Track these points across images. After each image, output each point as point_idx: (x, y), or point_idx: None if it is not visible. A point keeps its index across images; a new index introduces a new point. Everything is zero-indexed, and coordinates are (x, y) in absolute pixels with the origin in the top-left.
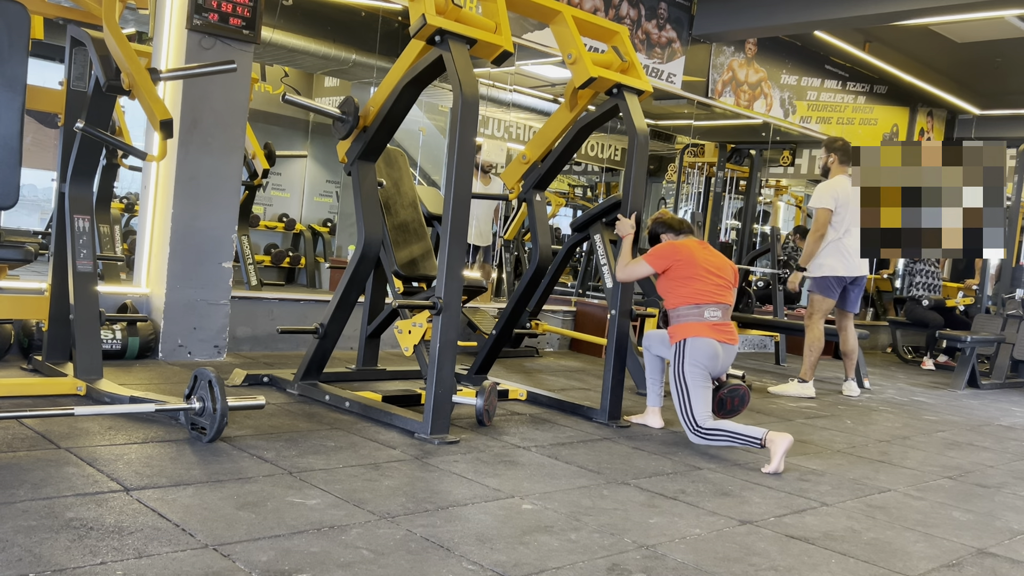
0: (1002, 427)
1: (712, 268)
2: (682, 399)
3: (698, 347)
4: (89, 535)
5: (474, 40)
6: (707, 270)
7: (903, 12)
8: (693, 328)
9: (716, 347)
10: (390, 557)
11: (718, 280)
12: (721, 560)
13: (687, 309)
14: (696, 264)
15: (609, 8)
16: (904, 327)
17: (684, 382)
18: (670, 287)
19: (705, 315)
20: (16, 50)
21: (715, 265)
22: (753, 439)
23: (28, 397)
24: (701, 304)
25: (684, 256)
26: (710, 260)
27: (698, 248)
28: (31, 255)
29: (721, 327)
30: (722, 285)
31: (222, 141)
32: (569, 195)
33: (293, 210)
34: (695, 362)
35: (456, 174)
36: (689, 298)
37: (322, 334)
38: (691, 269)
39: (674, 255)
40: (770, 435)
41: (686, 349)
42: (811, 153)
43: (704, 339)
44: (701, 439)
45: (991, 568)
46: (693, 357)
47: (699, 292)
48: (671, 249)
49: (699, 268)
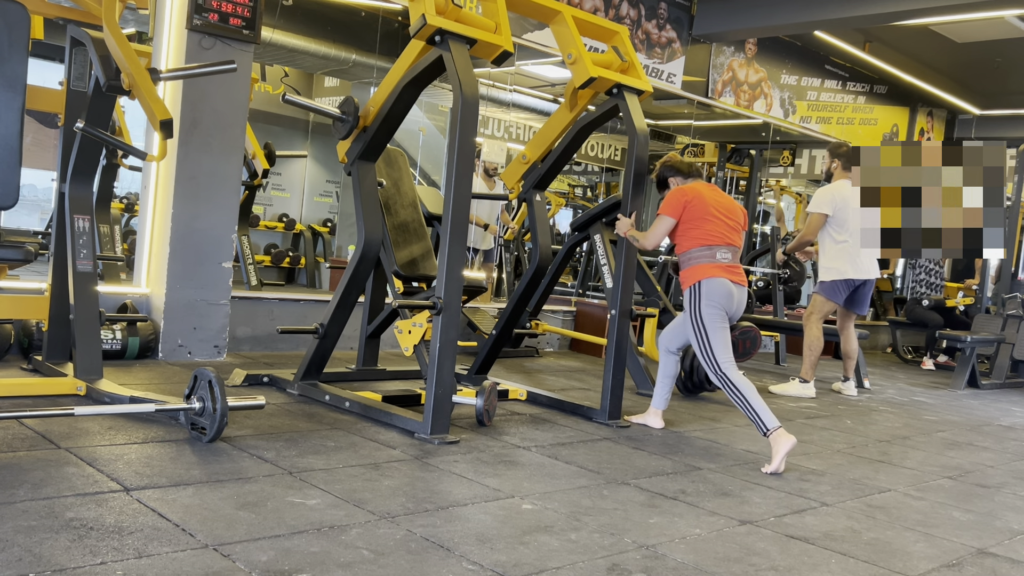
0: (1002, 427)
1: (722, 210)
2: (702, 342)
3: (713, 287)
4: (89, 535)
5: (474, 40)
6: (718, 211)
7: (903, 12)
8: (706, 269)
9: (730, 287)
10: (390, 557)
11: (728, 222)
12: (721, 560)
13: (699, 251)
14: (707, 205)
15: (609, 8)
16: (904, 327)
17: (702, 323)
18: (682, 230)
19: (717, 256)
20: (16, 50)
21: (725, 207)
22: (762, 423)
23: (28, 397)
24: (713, 246)
25: (694, 198)
26: (720, 202)
27: (707, 190)
28: (31, 255)
29: (733, 268)
30: (732, 227)
31: (222, 141)
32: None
33: (293, 210)
34: (712, 302)
35: (456, 174)
36: (701, 240)
37: (322, 334)
38: (702, 210)
39: (684, 198)
40: (778, 432)
41: (702, 290)
42: (811, 153)
43: (718, 279)
44: (720, 382)
45: (991, 568)
46: (710, 298)
47: (710, 234)
48: (680, 194)
49: (710, 209)
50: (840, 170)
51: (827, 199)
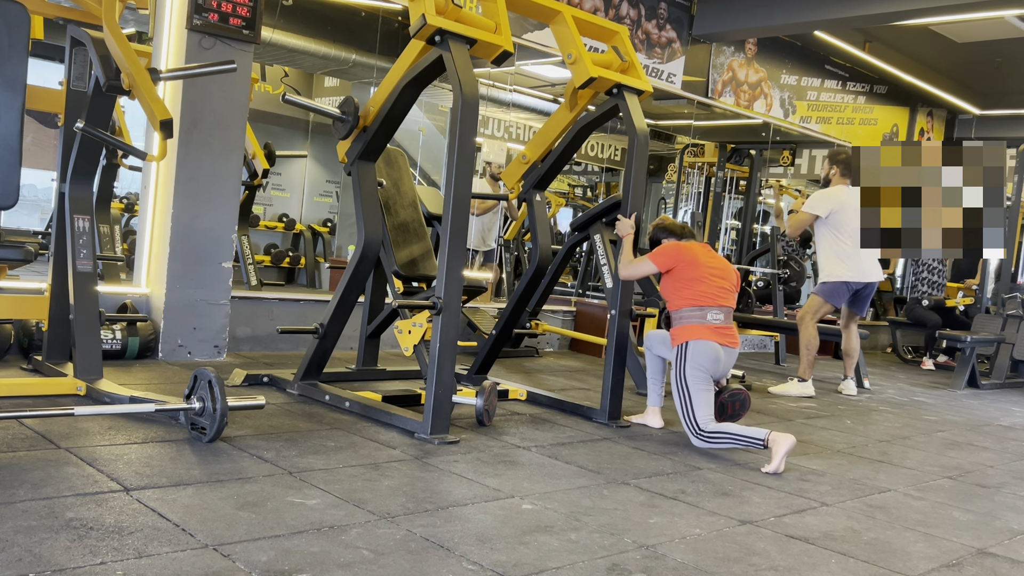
0: (1002, 427)
1: (716, 271)
2: (684, 402)
3: (700, 350)
4: (89, 535)
5: (474, 40)
6: (711, 272)
7: (903, 12)
8: (695, 331)
9: (718, 350)
10: (390, 557)
11: (721, 283)
12: (721, 560)
13: (690, 311)
14: (700, 266)
15: (609, 8)
16: (904, 327)
17: (686, 385)
18: (673, 288)
19: (708, 318)
20: (16, 50)
21: (718, 268)
22: (755, 440)
23: (28, 397)
24: (704, 307)
25: (688, 257)
26: (713, 263)
27: (701, 251)
28: (31, 255)
29: (723, 330)
30: (725, 288)
31: (222, 141)
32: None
33: (293, 210)
34: (697, 365)
35: (456, 174)
36: (692, 300)
37: (322, 334)
38: (695, 271)
39: (678, 255)
40: (772, 435)
41: (688, 352)
42: (811, 153)
43: (706, 342)
44: (704, 442)
45: (991, 568)
46: (695, 360)
47: (702, 294)
48: (675, 249)
49: (702, 270)
50: (839, 176)
51: (823, 202)
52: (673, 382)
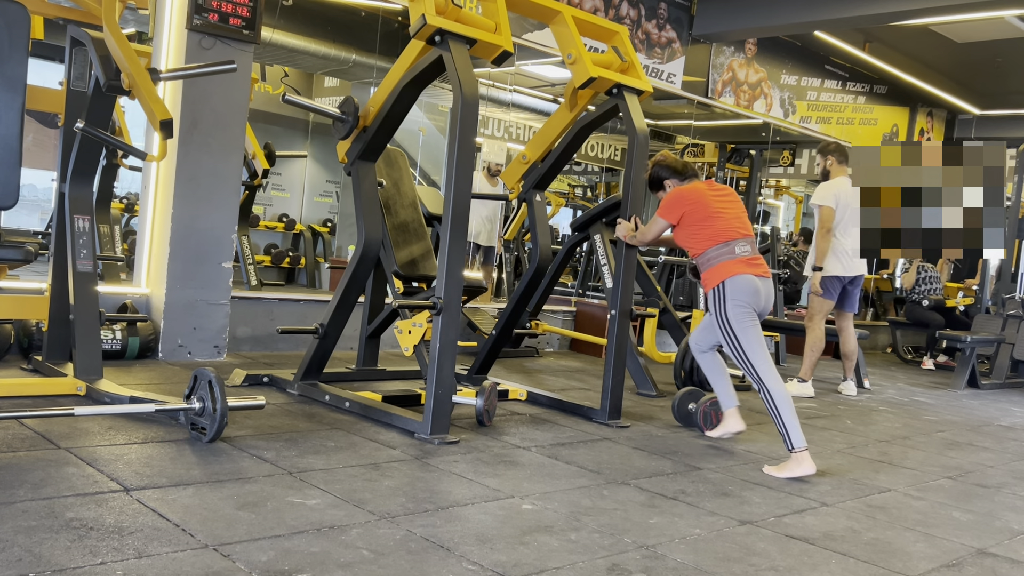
0: (1002, 427)
1: (728, 203)
2: (734, 345)
3: (737, 285)
4: (89, 535)
5: (474, 40)
6: (723, 206)
7: (903, 12)
8: (728, 267)
9: (756, 283)
10: (390, 557)
11: (737, 214)
12: (721, 560)
13: (716, 250)
14: (709, 204)
15: (609, 8)
16: (904, 327)
17: (730, 326)
18: (690, 233)
19: (736, 251)
20: (16, 50)
21: (729, 200)
22: (790, 440)
23: (28, 397)
24: (729, 241)
25: (694, 199)
26: (723, 196)
27: (705, 188)
28: (31, 255)
29: (754, 261)
30: (741, 218)
31: (222, 141)
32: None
33: (293, 210)
34: (738, 302)
35: (456, 174)
36: (715, 238)
37: (322, 334)
38: (705, 209)
39: (684, 201)
40: (804, 454)
41: (726, 291)
42: (811, 153)
43: (742, 276)
44: (756, 386)
45: (991, 568)
46: (735, 297)
47: (723, 230)
48: (679, 196)
49: (713, 206)
50: (836, 165)
51: (831, 192)
52: (717, 327)
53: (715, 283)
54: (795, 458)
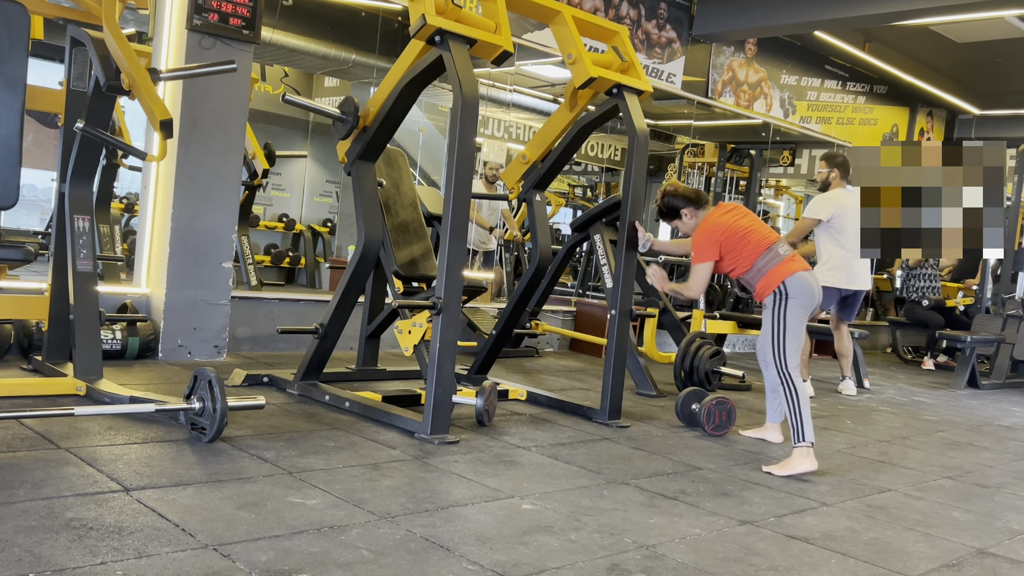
0: (1002, 427)
1: (749, 218)
2: (778, 338)
3: (797, 284)
4: (89, 535)
5: (474, 40)
6: (749, 223)
7: (903, 12)
8: (781, 269)
9: (810, 279)
10: (390, 557)
11: (762, 225)
12: (721, 560)
13: (762, 259)
14: (736, 227)
15: (609, 8)
16: (904, 327)
17: (784, 322)
18: (733, 258)
19: (781, 252)
20: (16, 50)
21: (746, 215)
22: (803, 433)
23: (28, 397)
24: (770, 247)
25: (723, 228)
26: (741, 215)
27: (725, 215)
28: (31, 255)
29: (796, 258)
30: (766, 226)
31: (222, 141)
32: (569, 195)
33: (293, 210)
34: (799, 302)
35: (456, 174)
36: (756, 250)
37: (322, 334)
38: (736, 232)
39: (715, 234)
40: (809, 450)
41: (788, 291)
42: (811, 153)
43: (798, 274)
44: (781, 378)
45: (991, 568)
46: (796, 296)
47: (760, 241)
48: (707, 233)
49: (741, 226)
50: (838, 179)
51: (825, 206)
52: (771, 318)
53: (775, 285)
54: (801, 452)
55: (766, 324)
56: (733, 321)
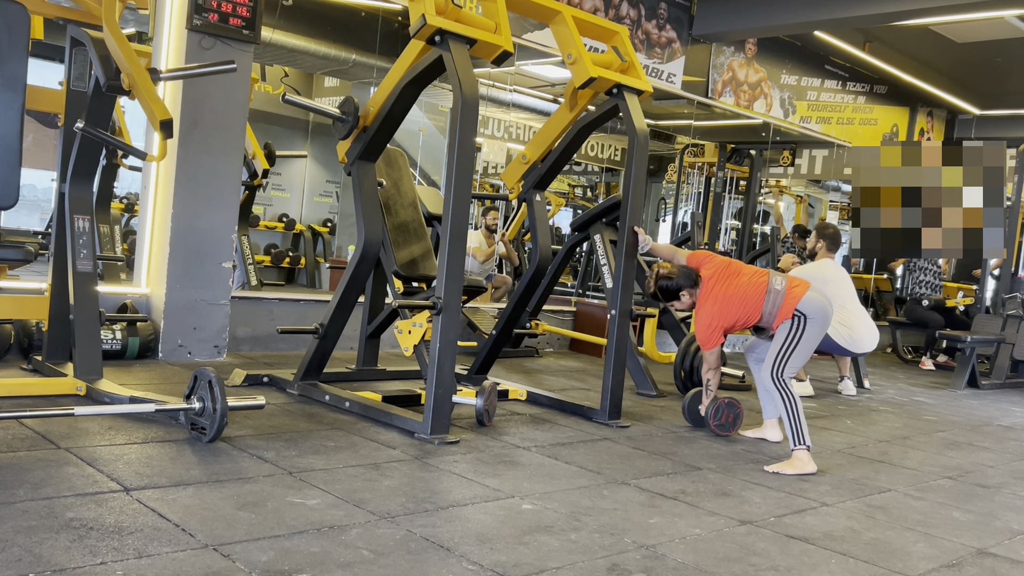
0: (1002, 427)
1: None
2: (785, 351)
3: (812, 307)
4: (89, 535)
5: (474, 40)
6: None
7: (903, 12)
8: (790, 299)
9: (820, 298)
10: (390, 557)
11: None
12: (721, 560)
13: (768, 302)
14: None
15: (609, 8)
16: (904, 327)
17: (799, 339)
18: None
19: (779, 285)
20: (16, 50)
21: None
22: (805, 439)
23: (28, 397)
24: (768, 287)
25: (720, 296)
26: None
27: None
28: (31, 255)
29: (796, 281)
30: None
31: (222, 141)
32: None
33: (293, 210)
34: (817, 324)
35: (456, 174)
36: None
37: (322, 334)
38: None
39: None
40: (808, 455)
41: (807, 315)
42: (811, 153)
43: (808, 297)
44: (776, 384)
45: (991, 568)
46: (815, 320)
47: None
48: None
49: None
50: (824, 250)
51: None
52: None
53: (789, 314)
54: (803, 455)
55: (780, 338)
56: None
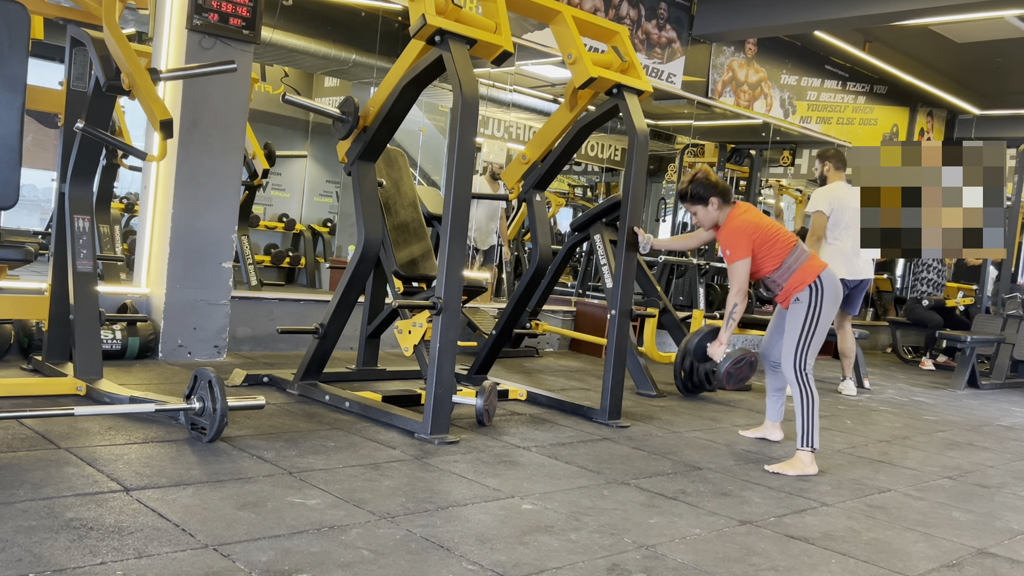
0: (1002, 427)
1: (768, 219)
2: (805, 338)
3: (831, 280)
4: (89, 535)
5: (474, 40)
6: (772, 225)
7: (903, 12)
8: (813, 264)
9: (836, 277)
10: (390, 557)
11: (782, 227)
12: (721, 560)
13: (791, 257)
14: (765, 228)
15: (609, 8)
16: (904, 327)
17: (817, 322)
18: (762, 256)
19: (806, 250)
20: (16, 50)
21: (765, 216)
22: (811, 439)
23: (28, 397)
24: (795, 246)
25: (754, 226)
26: (761, 215)
27: (753, 215)
28: (31, 255)
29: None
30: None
31: (222, 141)
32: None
33: (293, 210)
34: (831, 299)
35: (456, 174)
36: (784, 250)
37: (322, 334)
38: (765, 230)
39: (750, 232)
40: (811, 456)
41: (824, 285)
42: (811, 153)
43: (829, 270)
44: (798, 379)
45: (991, 568)
46: (831, 293)
47: (786, 241)
48: (742, 232)
49: (769, 229)
50: (833, 171)
51: (824, 199)
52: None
53: (811, 279)
54: (808, 456)
55: (797, 321)
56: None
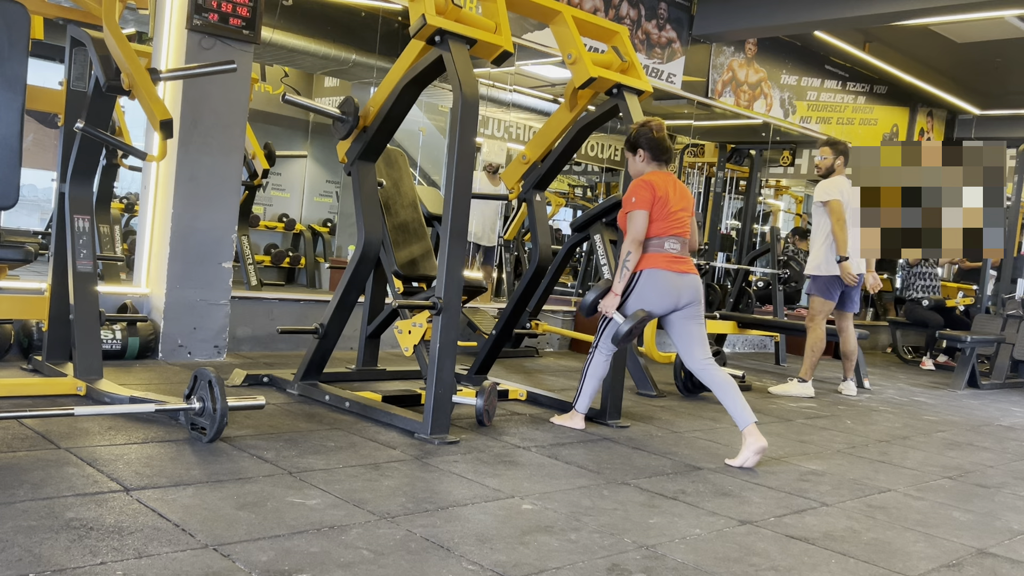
0: (1002, 427)
1: (683, 203)
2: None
3: (652, 280)
4: (89, 535)
5: (474, 40)
6: (678, 207)
7: (903, 12)
8: (650, 258)
9: (671, 279)
10: (390, 557)
11: (684, 215)
12: (721, 560)
13: (654, 241)
14: (670, 203)
15: (609, 8)
16: (904, 327)
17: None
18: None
19: (665, 246)
20: (16, 50)
21: (684, 198)
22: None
23: (28, 397)
24: (663, 236)
25: (661, 197)
26: (680, 194)
27: (672, 189)
28: (31, 255)
29: (679, 259)
30: (685, 220)
31: (222, 141)
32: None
33: (293, 210)
34: (639, 299)
35: (456, 174)
36: (658, 231)
37: (322, 334)
38: (664, 210)
39: (653, 194)
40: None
41: (639, 282)
42: (811, 153)
43: (661, 271)
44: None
45: (991, 568)
46: (643, 291)
47: (667, 228)
48: (649, 188)
49: (671, 208)
50: (842, 166)
51: (835, 188)
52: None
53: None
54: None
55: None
56: (733, 321)
